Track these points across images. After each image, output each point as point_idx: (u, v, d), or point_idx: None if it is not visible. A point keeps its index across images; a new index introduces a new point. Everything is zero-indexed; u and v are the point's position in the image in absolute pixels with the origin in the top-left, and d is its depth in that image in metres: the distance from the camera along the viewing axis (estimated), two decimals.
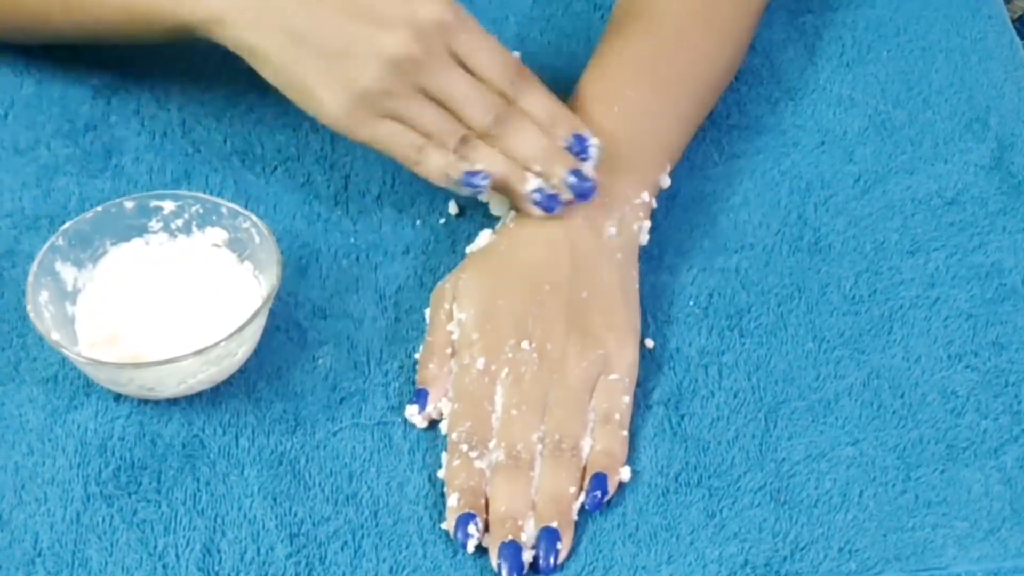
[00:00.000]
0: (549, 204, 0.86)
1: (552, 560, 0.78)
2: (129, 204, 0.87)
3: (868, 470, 0.81)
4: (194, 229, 0.87)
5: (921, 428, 0.83)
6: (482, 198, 0.89)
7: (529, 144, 0.86)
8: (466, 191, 0.86)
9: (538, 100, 0.87)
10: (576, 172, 0.86)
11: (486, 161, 0.86)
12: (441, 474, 0.81)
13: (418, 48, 0.83)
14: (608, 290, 0.86)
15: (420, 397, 0.83)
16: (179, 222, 0.87)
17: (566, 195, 0.86)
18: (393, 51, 0.83)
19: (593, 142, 0.87)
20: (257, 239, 0.86)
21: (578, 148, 0.87)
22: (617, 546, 0.79)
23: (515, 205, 0.88)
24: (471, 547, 0.78)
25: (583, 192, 0.86)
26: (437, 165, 0.85)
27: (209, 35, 0.86)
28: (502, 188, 0.87)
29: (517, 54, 0.89)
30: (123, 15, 0.89)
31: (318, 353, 0.86)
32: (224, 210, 0.87)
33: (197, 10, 0.86)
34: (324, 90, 0.84)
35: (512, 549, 0.78)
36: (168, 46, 0.96)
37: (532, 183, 0.86)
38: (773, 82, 0.99)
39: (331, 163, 0.95)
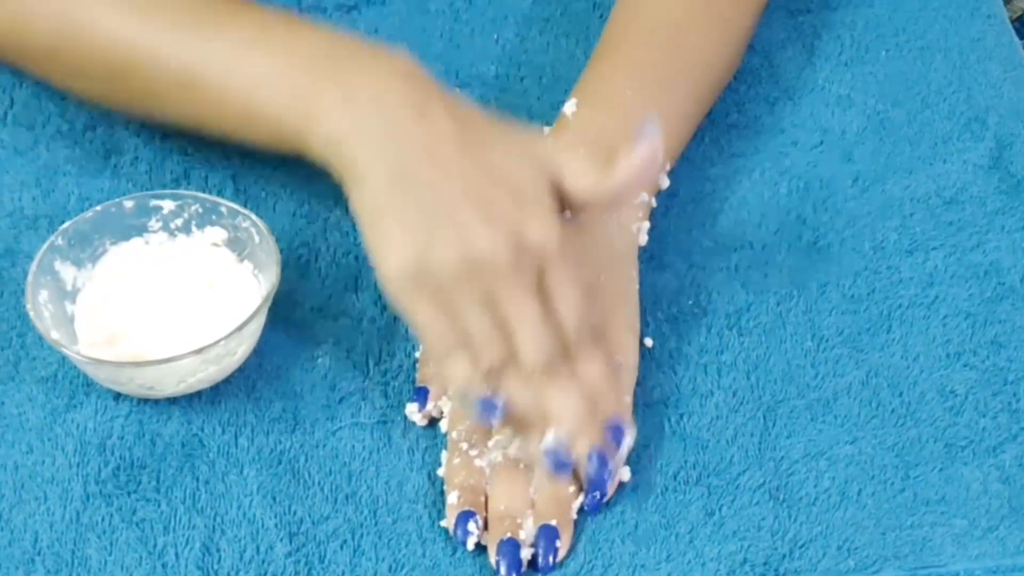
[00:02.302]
0: (558, 468, 0.79)
1: (551, 558, 0.78)
2: (129, 204, 0.87)
3: (867, 468, 0.81)
4: (193, 228, 0.87)
5: (920, 427, 0.83)
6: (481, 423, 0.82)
7: (568, 405, 0.79)
8: (473, 413, 0.80)
9: (597, 368, 0.80)
10: (600, 457, 0.79)
11: (516, 396, 0.79)
12: (441, 472, 0.81)
13: (507, 260, 0.76)
14: (608, 290, 0.86)
15: (420, 395, 0.83)
16: (179, 221, 0.87)
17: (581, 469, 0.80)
18: (482, 250, 0.76)
19: (628, 440, 0.80)
20: (257, 238, 0.86)
21: (613, 435, 0.80)
22: (616, 544, 0.79)
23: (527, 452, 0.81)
24: (471, 545, 0.78)
25: (595, 483, 0.79)
26: (460, 374, 0.79)
27: (323, 151, 0.81)
28: (516, 429, 0.81)
29: (599, 313, 0.83)
30: (242, 116, 0.84)
31: (318, 352, 0.86)
32: (224, 209, 0.87)
33: (325, 125, 0.80)
34: (397, 245, 0.77)
35: (511, 547, 0.78)
36: None
37: (551, 441, 0.79)
38: (772, 82, 0.99)
39: None
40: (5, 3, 0.88)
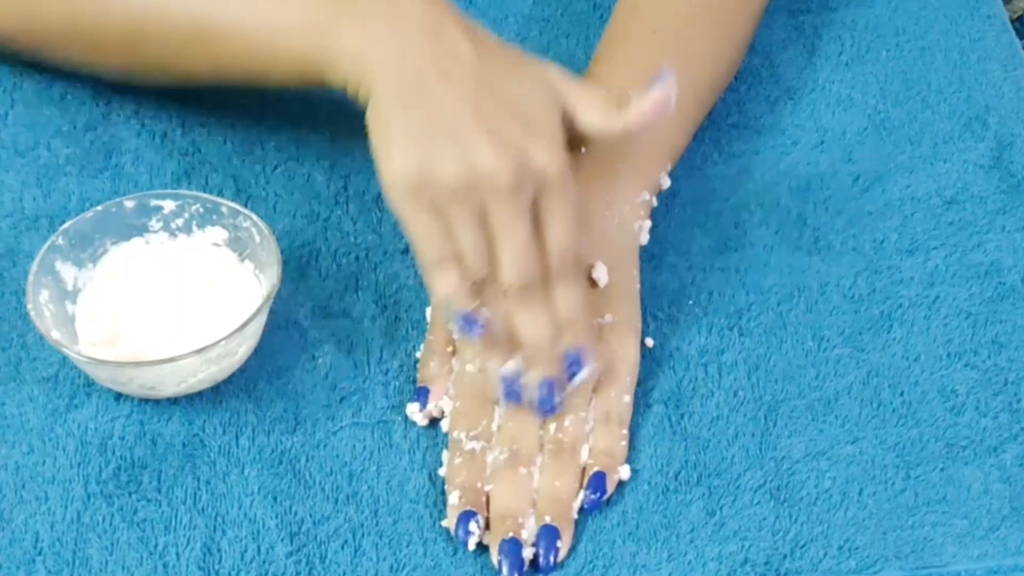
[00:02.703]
0: (509, 394, 0.82)
1: (552, 558, 0.78)
2: (129, 203, 0.87)
3: (868, 468, 0.81)
4: (194, 228, 0.87)
5: (921, 426, 0.83)
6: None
7: (535, 328, 0.81)
8: (454, 326, 0.82)
9: (572, 298, 0.81)
10: (549, 386, 0.81)
11: (493, 317, 0.81)
12: (442, 472, 0.81)
13: (507, 180, 0.78)
14: (609, 289, 0.86)
15: (421, 395, 0.84)
16: (179, 221, 0.87)
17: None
18: (484, 169, 0.78)
19: (587, 370, 0.81)
20: (257, 238, 0.86)
21: (571, 361, 0.81)
22: (617, 544, 0.79)
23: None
24: (472, 544, 0.78)
25: (543, 405, 0.81)
26: (446, 286, 0.80)
27: (343, 75, 0.82)
28: (486, 351, 0.82)
29: (586, 242, 0.84)
30: (262, 57, 0.85)
31: (318, 352, 0.86)
32: (224, 209, 0.87)
33: (343, 50, 0.82)
34: (401, 153, 0.79)
35: (512, 546, 0.78)
36: None
37: (511, 367, 0.81)
38: (772, 82, 0.99)
39: (331, 163, 0.95)
40: None
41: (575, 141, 0.83)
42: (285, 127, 0.96)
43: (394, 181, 0.79)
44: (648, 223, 0.89)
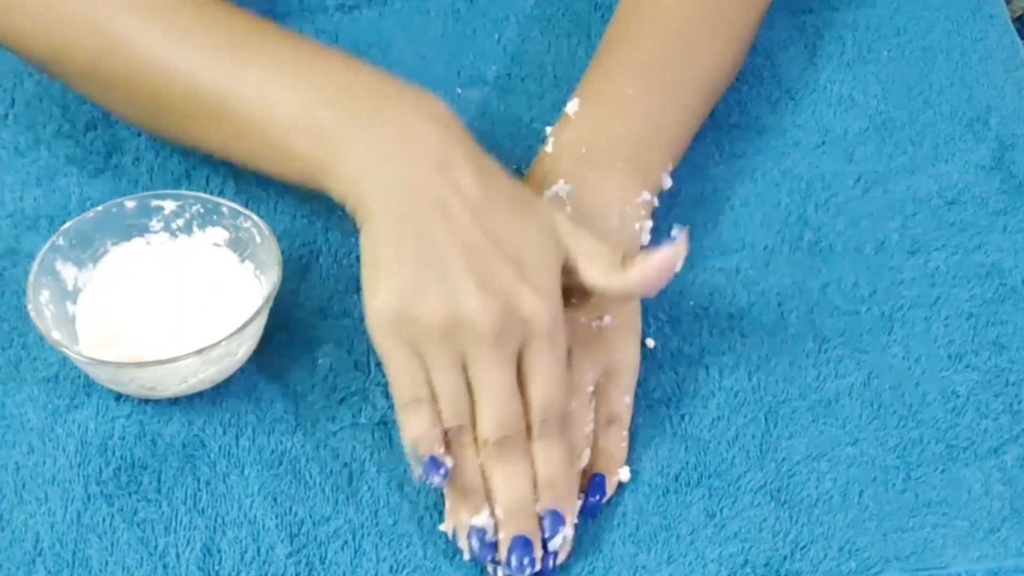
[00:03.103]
0: (482, 552, 0.78)
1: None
2: (130, 204, 0.87)
3: (868, 470, 0.81)
4: (195, 229, 0.87)
5: (921, 428, 0.83)
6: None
7: (511, 486, 0.78)
8: (417, 471, 0.77)
9: (554, 457, 0.78)
10: (527, 545, 0.77)
11: (462, 467, 0.78)
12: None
13: (491, 327, 0.76)
14: None
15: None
16: (180, 222, 0.87)
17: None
18: (469, 314, 0.76)
19: (565, 532, 0.78)
20: (258, 239, 0.86)
21: (550, 526, 0.78)
22: (617, 546, 0.79)
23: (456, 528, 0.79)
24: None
25: (518, 568, 0.77)
26: (416, 428, 0.78)
27: (343, 190, 0.80)
28: (457, 496, 0.79)
29: (576, 402, 0.81)
30: (270, 150, 0.83)
31: (318, 353, 0.86)
32: (225, 210, 0.87)
33: (345, 165, 0.80)
34: (387, 286, 0.77)
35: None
36: None
37: (481, 519, 0.78)
38: (774, 82, 0.99)
39: None
40: (47, 19, 0.86)
41: (574, 291, 0.81)
42: None
43: (377, 313, 0.77)
44: (649, 223, 0.89)
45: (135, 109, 0.88)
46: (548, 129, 0.91)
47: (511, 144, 0.95)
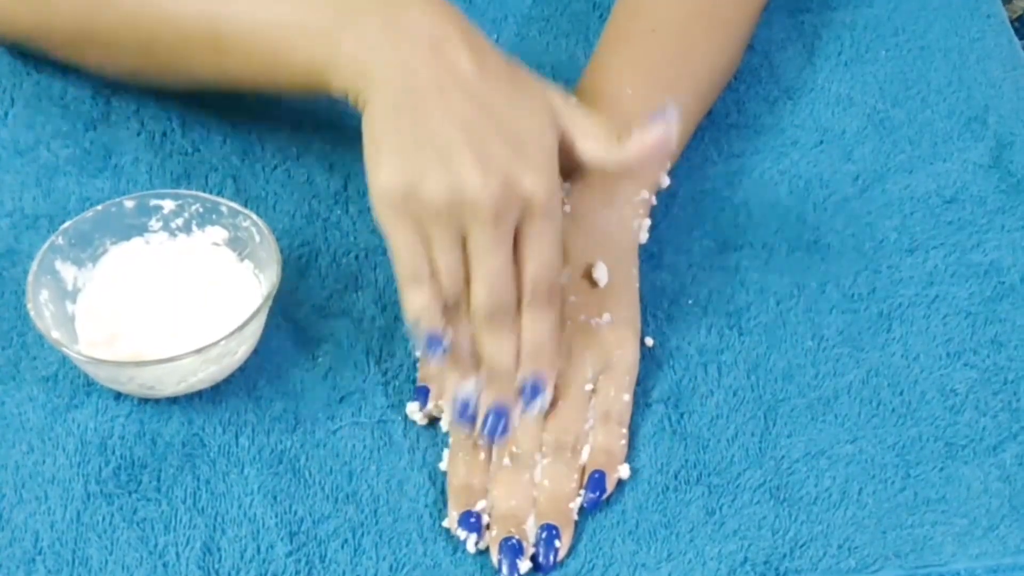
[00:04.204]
0: (460, 419, 0.81)
1: (552, 558, 0.78)
2: (129, 203, 0.87)
3: (867, 468, 0.81)
4: (194, 228, 0.88)
5: (920, 426, 0.83)
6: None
7: (497, 354, 0.80)
8: (419, 346, 0.80)
9: (541, 328, 0.80)
10: (503, 412, 0.80)
11: (457, 340, 0.80)
12: (443, 466, 0.81)
13: (491, 205, 0.77)
14: (608, 289, 0.86)
15: (421, 394, 0.84)
16: (179, 221, 0.88)
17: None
18: (470, 189, 0.77)
19: (542, 402, 0.80)
20: (257, 238, 0.86)
21: (529, 390, 0.80)
22: (617, 544, 0.79)
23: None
24: (472, 546, 0.78)
25: (491, 432, 0.80)
26: (417, 304, 0.79)
27: (343, 85, 0.82)
28: (450, 371, 0.82)
29: (567, 274, 0.83)
30: (269, 64, 0.85)
31: (318, 352, 0.86)
32: (224, 209, 0.87)
33: (345, 59, 0.81)
34: (390, 167, 0.79)
35: (512, 546, 0.78)
36: None
37: (465, 389, 0.81)
38: (772, 81, 0.99)
39: (331, 163, 0.95)
40: None
41: (571, 168, 0.82)
42: (285, 127, 0.96)
43: (380, 193, 0.79)
44: (647, 222, 0.89)
45: (124, 60, 0.90)
46: None
47: None
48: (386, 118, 0.80)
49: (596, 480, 0.80)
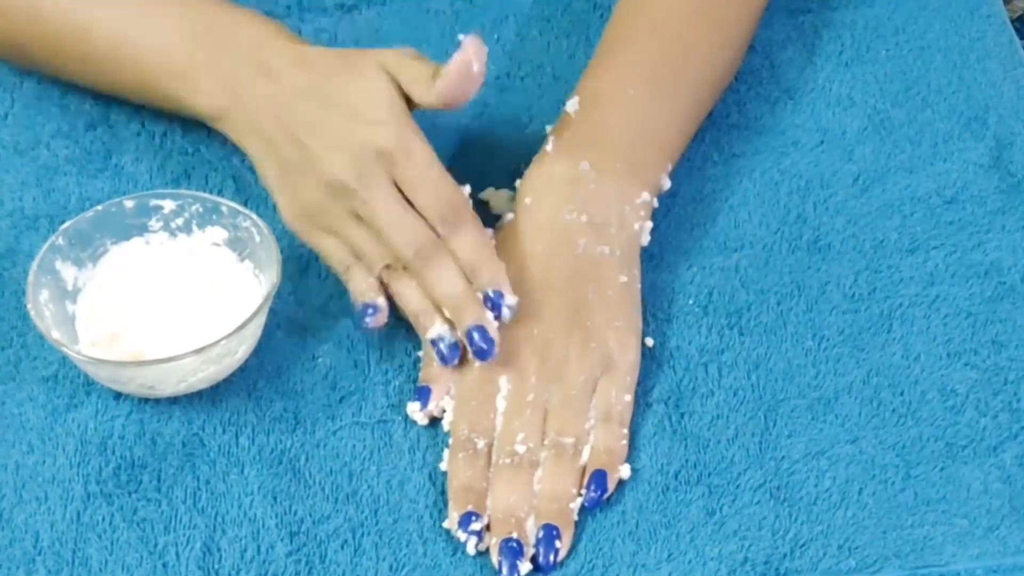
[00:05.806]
0: (448, 355, 0.83)
1: (552, 558, 0.78)
2: (129, 203, 0.87)
3: (868, 468, 0.81)
4: (194, 228, 0.88)
5: (920, 426, 0.83)
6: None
7: (444, 285, 0.83)
8: (357, 322, 0.86)
9: (467, 242, 0.84)
10: (480, 328, 0.83)
11: (402, 294, 0.84)
12: (443, 466, 0.81)
13: (350, 173, 0.83)
14: (609, 289, 0.86)
15: (422, 394, 0.84)
16: (179, 221, 0.88)
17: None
18: (328, 174, 0.83)
19: (509, 302, 0.83)
20: (257, 238, 0.86)
21: (493, 303, 0.83)
22: (617, 544, 0.79)
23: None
24: (472, 548, 0.78)
25: (480, 352, 0.83)
26: (357, 287, 0.85)
27: (213, 126, 0.90)
28: (413, 325, 0.85)
29: (467, 189, 0.85)
30: (136, 88, 0.92)
31: (318, 352, 0.86)
32: (224, 209, 0.87)
33: (201, 104, 0.89)
34: (280, 195, 0.86)
35: (512, 547, 0.78)
36: None
37: (435, 330, 0.84)
38: (772, 82, 0.99)
39: None
40: None
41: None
42: None
43: (288, 223, 0.86)
44: (648, 224, 0.89)
45: (69, 66, 0.94)
46: (548, 129, 0.91)
47: (511, 144, 0.95)
48: (262, 161, 0.87)
49: (598, 479, 0.80)
